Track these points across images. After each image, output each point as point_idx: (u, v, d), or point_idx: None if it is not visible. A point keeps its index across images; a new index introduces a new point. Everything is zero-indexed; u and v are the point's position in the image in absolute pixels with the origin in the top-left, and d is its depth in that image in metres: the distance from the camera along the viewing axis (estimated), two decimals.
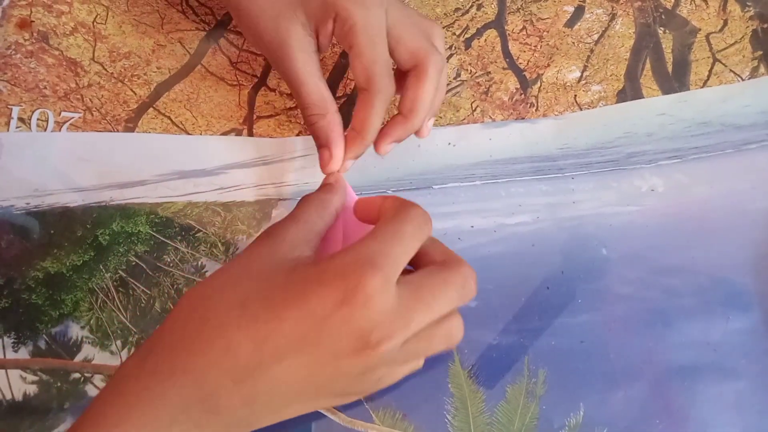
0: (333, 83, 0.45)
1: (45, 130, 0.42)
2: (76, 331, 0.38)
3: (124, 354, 0.38)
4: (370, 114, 0.34)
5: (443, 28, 0.47)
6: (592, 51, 0.46)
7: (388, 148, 0.37)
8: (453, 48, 0.46)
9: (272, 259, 0.28)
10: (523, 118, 0.45)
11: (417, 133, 0.38)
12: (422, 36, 0.35)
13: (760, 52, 0.46)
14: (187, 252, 0.40)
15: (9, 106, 0.42)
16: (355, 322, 0.25)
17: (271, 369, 0.26)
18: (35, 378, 0.37)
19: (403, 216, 0.29)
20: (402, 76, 0.36)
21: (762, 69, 0.46)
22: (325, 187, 0.34)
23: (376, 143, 0.37)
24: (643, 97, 0.45)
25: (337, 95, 0.45)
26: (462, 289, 0.28)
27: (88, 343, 0.38)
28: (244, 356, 0.26)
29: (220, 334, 0.26)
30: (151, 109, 0.43)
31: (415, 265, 0.30)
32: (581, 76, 0.46)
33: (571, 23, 0.47)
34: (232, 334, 0.26)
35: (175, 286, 0.39)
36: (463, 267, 0.29)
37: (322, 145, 0.35)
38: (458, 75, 0.46)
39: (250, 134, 0.43)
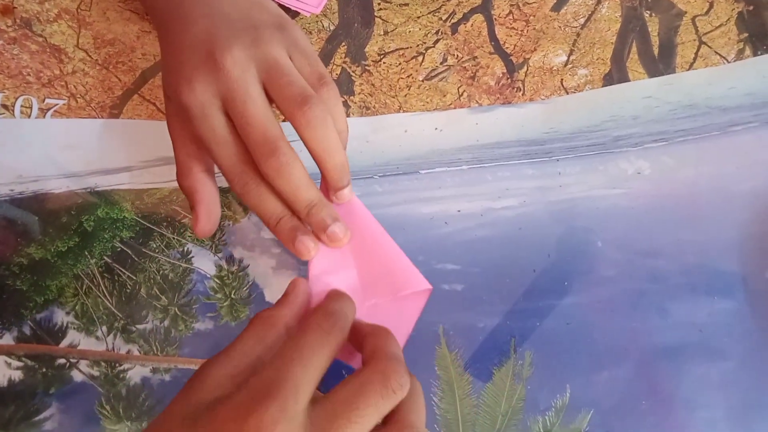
0: None
1: (29, 117, 0.42)
2: (61, 316, 0.38)
3: (110, 340, 0.38)
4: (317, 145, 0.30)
5: (429, 13, 0.47)
6: (578, 35, 0.46)
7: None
8: (439, 33, 0.46)
9: (187, 408, 0.24)
10: (509, 103, 0.45)
11: (335, 197, 0.33)
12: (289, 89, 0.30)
13: (746, 34, 0.46)
14: (173, 238, 0.40)
15: None
16: None
17: None
18: (20, 364, 0.37)
19: (303, 328, 0.26)
20: None
21: (747, 51, 0.46)
22: (281, 299, 0.29)
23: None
24: (630, 81, 0.45)
25: None
26: (384, 388, 0.25)
27: (74, 328, 0.38)
28: None
29: None
30: (137, 95, 0.43)
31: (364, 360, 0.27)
32: (568, 60, 0.46)
33: (557, 7, 0.47)
34: None
35: (161, 272, 0.39)
36: (381, 363, 0.26)
37: (191, 206, 0.33)
38: (445, 60, 0.46)
39: None
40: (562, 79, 0.45)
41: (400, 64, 0.45)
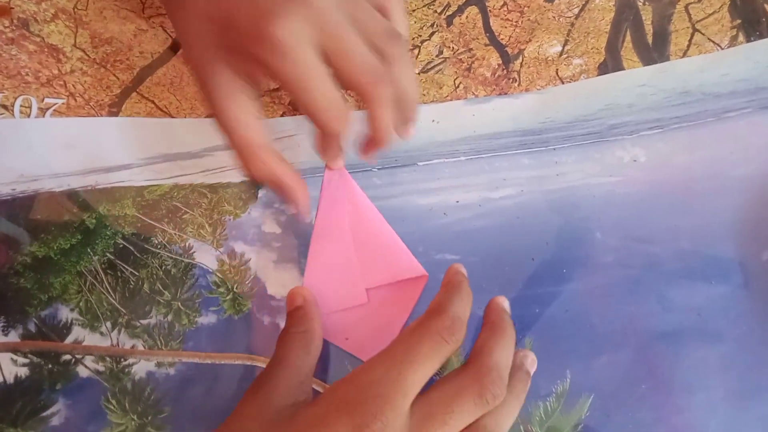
0: None
1: (29, 116, 0.42)
2: (65, 313, 0.38)
3: (114, 335, 0.38)
4: (376, 124, 0.31)
5: (424, 6, 0.47)
6: (572, 25, 0.47)
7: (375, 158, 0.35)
8: (435, 26, 0.47)
9: (269, 412, 0.26)
10: (505, 94, 0.45)
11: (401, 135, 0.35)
12: (362, 60, 0.28)
13: (739, 21, 0.46)
14: (174, 233, 0.40)
15: None
16: None
17: None
18: (26, 360, 0.37)
19: (420, 333, 0.26)
20: None
21: (740, 37, 0.46)
22: (297, 317, 0.31)
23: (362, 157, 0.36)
24: (624, 69, 0.46)
25: None
26: (479, 397, 0.26)
27: (78, 325, 0.38)
28: None
29: None
30: (135, 93, 0.43)
31: None
32: (562, 50, 0.46)
33: None
34: None
35: (163, 267, 0.40)
36: (482, 371, 0.27)
37: (284, 193, 0.33)
38: (440, 52, 0.46)
39: None
40: (557, 69, 0.46)
41: None
